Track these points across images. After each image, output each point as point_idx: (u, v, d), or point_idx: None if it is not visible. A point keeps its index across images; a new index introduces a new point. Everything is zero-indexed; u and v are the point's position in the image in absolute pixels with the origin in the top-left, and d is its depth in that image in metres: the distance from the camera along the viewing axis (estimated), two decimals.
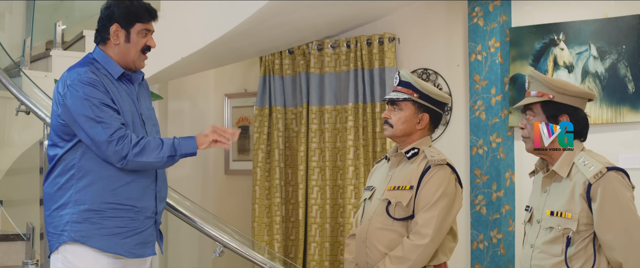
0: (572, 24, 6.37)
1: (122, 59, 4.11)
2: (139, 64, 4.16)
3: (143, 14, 4.10)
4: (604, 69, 6.20)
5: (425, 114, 4.47)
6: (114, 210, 3.99)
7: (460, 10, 6.95)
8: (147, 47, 4.13)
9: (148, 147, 3.96)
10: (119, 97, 4.04)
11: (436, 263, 4.35)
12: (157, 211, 4.20)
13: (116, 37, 4.08)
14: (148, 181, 4.11)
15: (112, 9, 4.09)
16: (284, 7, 6.38)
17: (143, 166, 4.00)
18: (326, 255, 7.40)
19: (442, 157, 4.38)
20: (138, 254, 4.10)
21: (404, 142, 4.50)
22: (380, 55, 7.17)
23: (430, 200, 4.28)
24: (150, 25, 4.15)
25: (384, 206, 4.40)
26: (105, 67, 4.07)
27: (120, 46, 4.10)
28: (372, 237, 4.40)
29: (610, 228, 3.72)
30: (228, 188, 8.64)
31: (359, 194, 7.18)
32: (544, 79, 3.94)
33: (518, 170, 6.65)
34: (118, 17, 4.07)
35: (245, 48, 7.42)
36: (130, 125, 4.04)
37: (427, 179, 4.33)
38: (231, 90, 8.65)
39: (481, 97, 6.66)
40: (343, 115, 7.40)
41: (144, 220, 4.11)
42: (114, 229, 4.00)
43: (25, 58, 6.51)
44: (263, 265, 5.04)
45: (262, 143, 7.75)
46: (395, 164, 4.55)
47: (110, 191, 3.99)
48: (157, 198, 4.18)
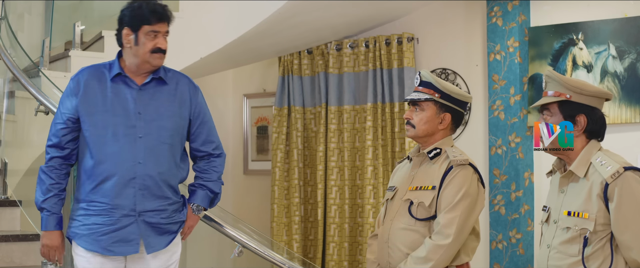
0: (591, 23, 6.36)
1: (135, 60, 4.23)
2: (155, 63, 4.23)
3: (149, 16, 4.17)
4: (623, 68, 6.18)
5: (447, 114, 4.44)
6: (93, 208, 4.17)
7: (479, 10, 6.94)
8: (158, 48, 4.20)
9: (41, 183, 4.26)
10: (104, 95, 4.22)
11: (458, 263, 4.33)
12: (137, 210, 4.21)
13: (127, 41, 4.21)
14: (125, 180, 4.18)
15: (124, 12, 4.23)
16: (302, 7, 6.39)
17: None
18: (345, 255, 7.40)
19: (464, 157, 4.36)
20: (116, 252, 4.18)
21: (426, 142, 4.48)
22: (399, 55, 7.16)
23: (453, 200, 4.25)
24: (159, 26, 4.20)
25: (406, 206, 4.38)
26: (110, 68, 4.28)
27: (132, 49, 4.21)
28: (394, 237, 4.38)
29: (627, 228, 3.70)
30: (247, 188, 8.65)
31: (377, 194, 7.18)
32: (561, 79, 3.93)
33: (537, 170, 6.63)
34: (127, 20, 4.21)
35: (264, 48, 7.43)
36: (112, 126, 4.20)
37: (449, 179, 4.31)
38: (250, 90, 8.66)
39: (500, 96, 6.65)
40: (362, 115, 7.41)
41: (121, 218, 4.18)
42: (92, 226, 4.17)
43: (44, 58, 6.53)
44: (282, 265, 5.05)
45: (280, 144, 7.76)
46: (417, 164, 4.52)
47: (91, 189, 4.17)
48: (139, 196, 4.20)
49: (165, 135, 4.29)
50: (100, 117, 4.17)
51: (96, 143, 4.16)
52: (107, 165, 4.15)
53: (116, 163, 4.15)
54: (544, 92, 4.03)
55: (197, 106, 4.45)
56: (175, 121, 4.34)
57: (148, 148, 4.21)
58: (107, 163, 4.15)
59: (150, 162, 4.22)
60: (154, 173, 4.23)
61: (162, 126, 4.28)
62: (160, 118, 4.28)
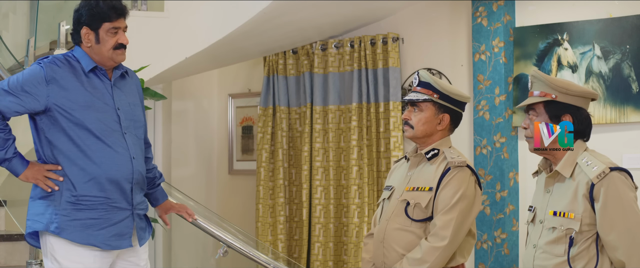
0: (575, 23, 6.37)
1: (97, 58, 4.15)
2: (117, 59, 4.18)
3: (109, 13, 4.11)
4: (608, 68, 6.20)
5: (446, 115, 4.44)
6: (85, 202, 4.08)
7: (464, 10, 6.95)
8: (120, 44, 4.15)
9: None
10: (84, 89, 4.10)
11: (454, 264, 4.34)
12: (134, 203, 4.23)
13: (87, 40, 4.13)
14: (124, 175, 4.17)
15: (80, 11, 4.15)
16: (287, 7, 6.39)
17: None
18: (330, 255, 7.40)
19: (462, 159, 4.36)
20: (114, 246, 4.15)
21: (425, 143, 4.47)
22: (384, 55, 7.17)
23: (449, 202, 4.26)
24: (119, 22, 4.14)
25: (402, 207, 4.38)
26: (79, 61, 4.14)
27: (93, 47, 4.13)
28: (390, 237, 4.38)
29: (613, 229, 3.72)
30: (232, 188, 8.65)
31: (362, 194, 7.18)
32: (546, 79, 3.94)
33: (522, 170, 6.65)
34: (85, 19, 4.13)
35: (249, 48, 7.42)
36: (99, 121, 4.11)
37: (446, 181, 4.31)
38: (235, 90, 8.65)
39: (485, 97, 6.66)
40: (347, 115, 7.41)
41: (118, 212, 4.16)
42: (87, 221, 4.08)
43: (29, 58, 6.51)
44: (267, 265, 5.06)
45: (265, 143, 7.75)
46: (414, 164, 4.52)
47: (83, 183, 4.08)
48: (133, 190, 4.21)
49: (141, 131, 4.34)
50: (85, 112, 4.07)
51: (87, 138, 4.07)
52: (103, 160, 4.08)
53: (113, 159, 4.11)
54: (529, 92, 4.04)
55: (143, 102, 4.49)
56: (142, 117, 4.40)
57: (133, 143, 4.22)
58: (103, 158, 4.08)
59: (139, 158, 4.25)
60: (142, 169, 4.27)
61: (138, 122, 4.31)
62: (133, 113, 4.29)
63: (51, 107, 4.04)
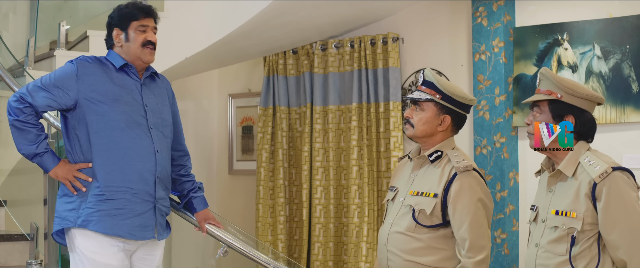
0: (576, 23, 6.37)
1: (128, 56, 4.38)
2: (146, 58, 4.40)
3: (136, 13, 4.38)
4: (608, 68, 6.20)
5: (447, 116, 4.37)
6: (109, 192, 4.23)
7: (464, 10, 6.94)
8: (148, 41, 4.38)
9: (25, 133, 4.21)
10: (113, 84, 4.32)
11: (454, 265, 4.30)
12: (157, 196, 4.37)
13: (118, 40, 4.40)
14: (148, 167, 4.32)
15: (112, 15, 4.44)
16: (287, 7, 6.39)
17: (14, 138, 4.24)
18: (330, 255, 7.40)
19: (467, 163, 4.28)
20: (138, 236, 4.31)
21: (426, 143, 4.43)
22: (384, 55, 7.17)
23: (471, 212, 4.19)
24: (146, 21, 4.42)
25: (406, 211, 4.33)
26: (109, 60, 4.38)
27: (123, 46, 4.39)
28: (393, 241, 4.34)
29: (614, 228, 3.72)
30: (232, 188, 8.64)
31: (362, 194, 7.18)
32: (554, 78, 3.95)
33: (522, 170, 6.64)
34: (116, 22, 4.41)
35: (249, 48, 7.42)
36: (125, 114, 4.29)
37: (457, 189, 4.24)
38: (235, 90, 8.65)
39: (485, 97, 6.65)
40: (347, 115, 7.40)
41: (142, 203, 4.30)
42: (111, 211, 4.23)
43: (29, 58, 6.51)
44: (267, 265, 5.04)
45: (266, 143, 7.75)
46: (418, 166, 4.46)
47: (106, 174, 4.24)
48: (156, 183, 4.36)
49: (167, 130, 4.51)
50: (112, 105, 4.27)
51: (113, 130, 4.25)
52: (127, 151, 4.26)
53: (137, 150, 4.28)
54: (536, 89, 4.04)
55: (175, 108, 4.67)
56: (170, 118, 4.56)
57: (158, 139, 4.39)
58: (127, 149, 4.26)
59: (164, 153, 4.42)
60: (166, 164, 4.45)
61: (165, 120, 4.48)
62: (161, 112, 4.47)
63: (81, 102, 4.24)
